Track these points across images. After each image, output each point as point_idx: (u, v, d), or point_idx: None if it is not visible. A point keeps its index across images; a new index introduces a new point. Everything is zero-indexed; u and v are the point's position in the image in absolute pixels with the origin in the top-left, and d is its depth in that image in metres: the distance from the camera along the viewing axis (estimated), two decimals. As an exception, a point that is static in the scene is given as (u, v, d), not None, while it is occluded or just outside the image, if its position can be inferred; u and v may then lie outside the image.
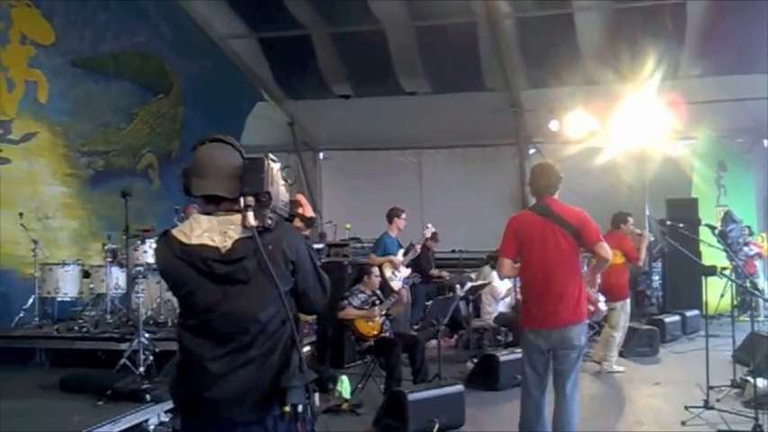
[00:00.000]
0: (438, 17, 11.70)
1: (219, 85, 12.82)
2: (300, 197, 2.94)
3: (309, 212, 2.90)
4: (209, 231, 2.54)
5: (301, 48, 12.73)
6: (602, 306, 8.58)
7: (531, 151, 14.39)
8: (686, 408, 6.22)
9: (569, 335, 4.68)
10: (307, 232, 2.91)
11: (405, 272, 8.72)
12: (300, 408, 2.51)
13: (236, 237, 2.52)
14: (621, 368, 8.28)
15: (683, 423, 5.96)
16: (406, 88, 13.45)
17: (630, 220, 8.41)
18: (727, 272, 6.53)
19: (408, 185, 14.46)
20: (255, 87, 14.00)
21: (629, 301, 8.45)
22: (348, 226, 11.24)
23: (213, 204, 2.60)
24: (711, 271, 4.55)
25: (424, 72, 12.99)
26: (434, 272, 11.57)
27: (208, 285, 2.52)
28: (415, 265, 9.35)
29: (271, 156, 2.62)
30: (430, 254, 11.34)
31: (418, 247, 9.03)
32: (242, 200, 2.52)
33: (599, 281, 6.15)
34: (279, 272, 2.52)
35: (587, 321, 4.90)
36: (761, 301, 9.87)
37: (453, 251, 13.32)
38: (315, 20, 12.07)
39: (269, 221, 2.52)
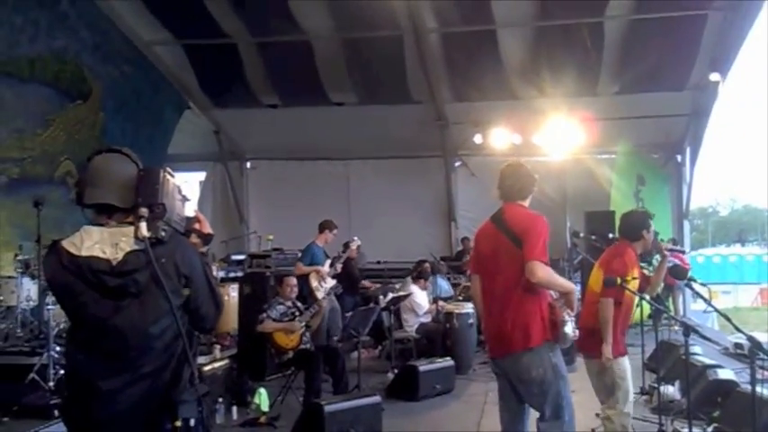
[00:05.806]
0: (364, 29, 11.74)
1: (142, 92, 12.53)
2: (199, 213, 2.92)
3: (207, 229, 2.89)
4: (101, 243, 2.49)
5: (228, 56, 12.55)
6: (569, 330, 5.13)
7: (457, 164, 14.65)
8: (597, 415, 6.37)
9: (518, 366, 4.06)
10: (203, 249, 2.89)
11: (331, 282, 8.74)
12: (193, 422, 2.49)
13: (128, 249, 2.48)
14: None
15: (593, 430, 6.12)
16: (334, 99, 13.45)
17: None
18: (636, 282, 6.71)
19: (336, 196, 14.49)
20: (180, 95, 13.73)
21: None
22: (271, 237, 11.15)
23: (105, 215, 2.56)
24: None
25: (351, 83, 13.02)
26: (366, 282, 11.61)
27: (98, 299, 2.46)
28: (348, 276, 9.37)
29: (168, 170, 2.60)
30: (353, 263, 11.35)
31: (344, 257, 9.11)
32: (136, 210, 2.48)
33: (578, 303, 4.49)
34: (171, 286, 2.49)
35: (543, 348, 4.05)
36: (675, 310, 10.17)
37: (378, 262, 13.37)
38: (240, 29, 11.94)
39: (162, 233, 2.49)
